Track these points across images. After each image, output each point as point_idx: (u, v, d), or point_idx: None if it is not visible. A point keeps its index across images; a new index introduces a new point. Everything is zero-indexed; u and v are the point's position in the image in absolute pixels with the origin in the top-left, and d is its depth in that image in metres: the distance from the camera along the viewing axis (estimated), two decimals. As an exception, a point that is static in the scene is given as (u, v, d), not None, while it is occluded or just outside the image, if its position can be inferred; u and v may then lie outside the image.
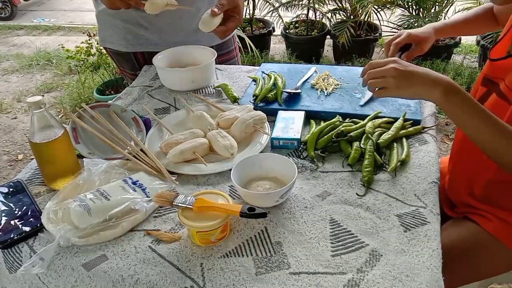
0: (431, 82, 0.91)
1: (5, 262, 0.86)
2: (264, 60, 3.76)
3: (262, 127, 1.13)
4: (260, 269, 0.80)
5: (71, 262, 0.83)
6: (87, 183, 0.96)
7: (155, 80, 1.47)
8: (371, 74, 0.97)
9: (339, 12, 3.82)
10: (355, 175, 1.01)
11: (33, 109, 0.93)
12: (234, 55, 1.67)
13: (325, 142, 1.08)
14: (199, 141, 1.09)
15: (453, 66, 3.49)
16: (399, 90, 0.94)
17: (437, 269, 0.78)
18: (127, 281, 0.79)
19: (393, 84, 0.93)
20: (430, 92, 0.91)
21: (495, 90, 1.02)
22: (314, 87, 1.33)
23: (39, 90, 3.79)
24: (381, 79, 0.95)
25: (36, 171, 1.07)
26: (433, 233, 0.85)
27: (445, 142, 2.70)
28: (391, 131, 1.10)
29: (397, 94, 0.96)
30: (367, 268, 0.78)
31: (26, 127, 3.21)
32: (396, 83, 0.93)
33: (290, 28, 3.98)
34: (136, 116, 1.20)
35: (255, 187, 0.94)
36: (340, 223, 0.88)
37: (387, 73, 0.94)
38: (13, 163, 2.87)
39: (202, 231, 0.82)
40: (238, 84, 1.42)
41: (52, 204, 0.92)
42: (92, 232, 0.86)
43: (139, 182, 0.96)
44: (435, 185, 0.97)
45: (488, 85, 1.06)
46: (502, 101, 0.98)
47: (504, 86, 0.98)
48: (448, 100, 0.90)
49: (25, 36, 5.14)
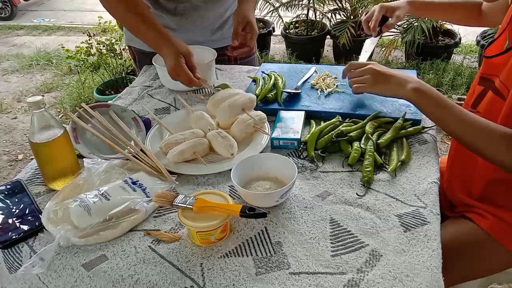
0: (404, 80, 1.03)
1: (5, 262, 0.86)
2: (264, 60, 3.76)
3: (262, 127, 1.13)
4: (260, 269, 0.80)
5: (71, 262, 0.83)
6: (87, 183, 0.96)
7: (155, 80, 1.47)
8: (352, 74, 1.13)
9: (339, 12, 3.83)
10: (355, 175, 1.01)
11: (33, 109, 0.93)
12: (254, 51, 1.73)
13: (325, 142, 1.08)
14: (199, 141, 1.09)
15: (453, 66, 3.49)
16: (375, 87, 1.08)
17: (437, 269, 0.78)
18: (127, 281, 0.79)
19: (370, 81, 1.08)
20: (403, 89, 1.02)
21: (491, 88, 1.02)
22: (314, 87, 1.33)
23: (39, 90, 3.79)
24: (360, 77, 1.10)
25: (36, 171, 1.07)
26: (433, 233, 0.85)
27: (445, 142, 2.70)
28: (391, 131, 1.10)
29: (374, 91, 1.10)
30: (367, 268, 0.78)
31: (26, 127, 3.22)
32: (373, 81, 1.07)
33: (290, 28, 3.98)
34: (136, 116, 1.20)
35: (255, 187, 0.94)
36: (340, 223, 0.88)
37: (366, 72, 1.09)
38: (13, 163, 2.87)
39: (202, 231, 0.82)
40: (238, 84, 1.42)
41: (52, 204, 0.92)
42: (92, 232, 0.86)
43: (139, 182, 0.96)
44: (435, 185, 0.97)
45: (484, 83, 1.06)
46: (498, 98, 0.99)
47: (499, 82, 0.99)
48: (419, 96, 1.00)
49: (25, 36, 5.15)
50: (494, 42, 1.06)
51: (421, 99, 1.00)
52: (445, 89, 3.24)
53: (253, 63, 1.71)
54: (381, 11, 1.33)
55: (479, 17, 1.30)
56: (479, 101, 1.06)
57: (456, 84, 3.28)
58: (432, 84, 3.19)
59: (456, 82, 3.29)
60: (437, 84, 3.28)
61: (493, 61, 1.04)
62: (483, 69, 1.08)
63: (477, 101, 1.07)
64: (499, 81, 0.99)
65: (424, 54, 3.48)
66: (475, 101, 1.08)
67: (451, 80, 3.30)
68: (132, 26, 1.30)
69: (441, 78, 3.33)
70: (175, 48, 1.21)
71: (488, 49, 1.07)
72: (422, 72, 3.39)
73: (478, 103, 1.06)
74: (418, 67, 3.45)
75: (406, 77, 1.03)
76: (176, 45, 1.22)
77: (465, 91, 3.19)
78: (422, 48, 3.44)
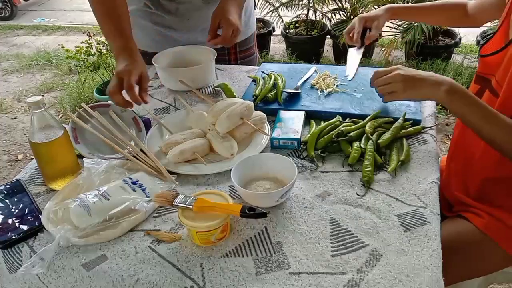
0: (435, 83, 0.98)
1: (5, 262, 0.86)
2: (264, 60, 3.76)
3: (262, 127, 1.13)
4: (260, 269, 0.80)
5: (71, 262, 0.83)
6: (87, 183, 0.96)
7: (155, 80, 1.47)
8: (380, 82, 1.07)
9: (339, 12, 3.83)
10: (355, 175, 1.01)
11: (33, 109, 0.93)
12: (254, 51, 1.73)
13: (325, 142, 1.08)
14: (199, 141, 1.09)
15: (453, 66, 3.49)
16: (406, 93, 1.03)
17: (437, 269, 0.78)
18: (127, 281, 0.79)
19: (401, 88, 1.03)
20: (435, 93, 0.98)
21: (488, 87, 1.03)
22: (314, 87, 1.33)
23: (39, 90, 3.78)
24: (389, 85, 1.05)
25: (36, 171, 1.07)
26: (433, 233, 0.85)
27: (445, 142, 2.70)
28: (391, 131, 1.10)
29: (405, 97, 1.05)
30: (367, 268, 0.78)
31: (26, 127, 3.21)
32: (404, 87, 1.03)
33: (290, 28, 3.98)
34: (136, 116, 1.20)
35: (255, 187, 0.94)
36: (340, 223, 0.88)
37: (393, 79, 1.04)
38: (13, 163, 2.87)
39: (202, 231, 0.82)
40: (238, 84, 1.42)
41: (52, 204, 0.92)
42: (92, 232, 0.86)
43: (139, 182, 0.96)
44: (435, 185, 0.97)
45: (480, 82, 1.07)
46: (495, 98, 1.00)
47: (495, 82, 0.99)
48: (452, 98, 0.96)
49: (25, 36, 5.14)
50: (490, 40, 1.07)
51: (454, 101, 0.97)
52: (445, 89, 3.23)
53: (253, 63, 1.71)
54: (361, 22, 1.32)
55: (465, 18, 1.29)
56: None
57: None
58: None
59: (456, 82, 3.29)
60: (437, 84, 3.28)
61: (489, 60, 1.04)
62: (479, 68, 1.09)
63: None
64: (495, 80, 0.99)
65: (424, 54, 3.48)
66: None
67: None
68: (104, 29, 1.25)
69: (441, 78, 3.32)
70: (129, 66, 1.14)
71: (484, 48, 1.07)
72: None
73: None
74: (418, 67, 3.45)
75: (438, 79, 0.99)
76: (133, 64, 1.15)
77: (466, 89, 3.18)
78: (422, 48, 3.44)
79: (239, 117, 1.08)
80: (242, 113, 1.09)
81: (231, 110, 1.08)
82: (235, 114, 1.08)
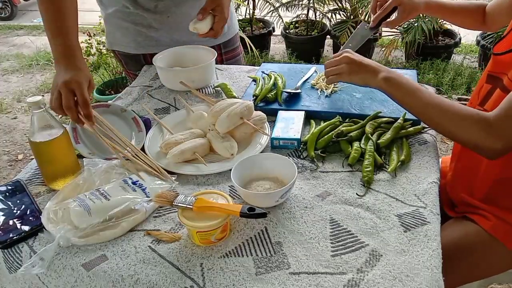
0: (375, 70, 1.05)
1: (5, 262, 0.86)
2: (264, 60, 3.76)
3: (262, 127, 1.13)
4: (260, 269, 0.80)
5: (71, 262, 0.83)
6: (87, 183, 0.96)
7: (155, 80, 1.47)
8: (328, 64, 1.12)
9: (339, 12, 3.83)
10: (355, 175, 1.01)
11: (33, 109, 0.93)
12: (239, 51, 1.71)
13: (325, 142, 1.08)
14: (199, 141, 1.09)
15: (453, 66, 3.49)
16: (351, 76, 1.08)
17: (437, 269, 0.78)
18: (127, 281, 0.79)
19: (346, 70, 1.08)
20: (374, 79, 1.04)
21: (499, 86, 1.02)
22: (314, 87, 1.33)
23: (39, 90, 3.78)
24: (336, 67, 1.10)
25: (36, 171, 1.07)
26: (433, 233, 0.85)
27: (445, 142, 2.70)
28: (391, 131, 1.10)
29: (349, 80, 1.09)
30: (367, 268, 0.78)
31: (26, 127, 3.21)
32: (349, 69, 1.07)
33: (290, 28, 3.98)
34: (136, 116, 1.20)
35: (255, 187, 0.94)
36: (340, 223, 0.88)
37: (340, 61, 1.09)
38: (13, 163, 2.87)
39: (202, 231, 0.82)
40: (238, 84, 1.42)
41: (52, 204, 0.92)
42: (92, 232, 0.86)
43: (139, 182, 0.96)
44: (435, 185, 0.97)
45: (492, 82, 1.06)
46: (504, 95, 0.99)
47: (507, 80, 0.99)
48: (389, 85, 1.02)
49: (25, 36, 5.14)
50: (503, 39, 1.06)
51: (391, 88, 1.02)
52: (445, 89, 3.24)
53: (240, 63, 1.69)
54: (397, 2, 1.27)
55: (483, 22, 1.29)
56: (487, 99, 1.05)
57: (456, 84, 3.28)
58: (432, 84, 3.20)
59: (456, 82, 3.29)
60: (437, 84, 3.28)
61: (502, 59, 1.04)
62: (490, 67, 1.08)
63: (485, 100, 1.06)
64: (508, 79, 0.99)
65: (424, 54, 3.48)
66: (483, 100, 1.07)
67: (451, 80, 3.30)
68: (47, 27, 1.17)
69: (441, 78, 3.33)
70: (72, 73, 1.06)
71: (497, 46, 1.07)
72: (422, 72, 3.39)
73: (486, 101, 1.05)
74: (418, 67, 3.45)
75: (377, 66, 1.05)
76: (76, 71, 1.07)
77: (465, 91, 3.19)
78: (422, 48, 3.44)
79: (239, 117, 1.08)
80: (242, 113, 1.09)
81: (231, 110, 1.08)
82: (235, 114, 1.08)
